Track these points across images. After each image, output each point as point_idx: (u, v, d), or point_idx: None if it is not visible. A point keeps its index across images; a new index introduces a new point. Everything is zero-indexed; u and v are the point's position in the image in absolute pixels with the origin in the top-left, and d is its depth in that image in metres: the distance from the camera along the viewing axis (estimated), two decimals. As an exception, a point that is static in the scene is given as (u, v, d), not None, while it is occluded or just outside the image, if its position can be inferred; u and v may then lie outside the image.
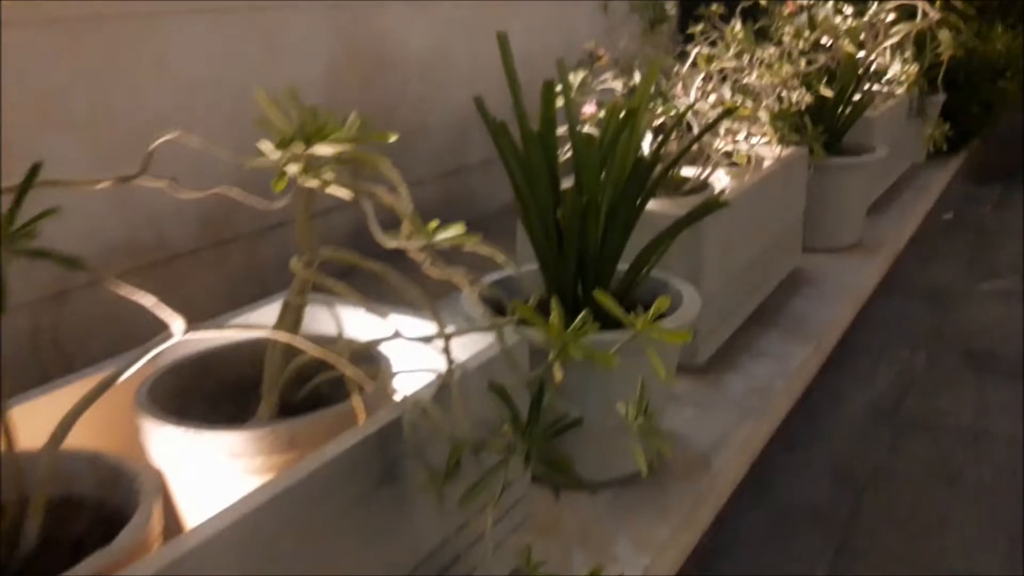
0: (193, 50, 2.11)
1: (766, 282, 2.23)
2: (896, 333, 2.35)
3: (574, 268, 1.44)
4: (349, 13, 2.53)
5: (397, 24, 2.71)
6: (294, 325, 1.18)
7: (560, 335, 0.91)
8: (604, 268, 1.46)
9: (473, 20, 3.05)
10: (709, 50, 2.03)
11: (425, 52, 2.84)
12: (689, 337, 0.95)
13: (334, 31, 2.48)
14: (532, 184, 1.40)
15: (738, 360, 1.96)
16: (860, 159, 2.66)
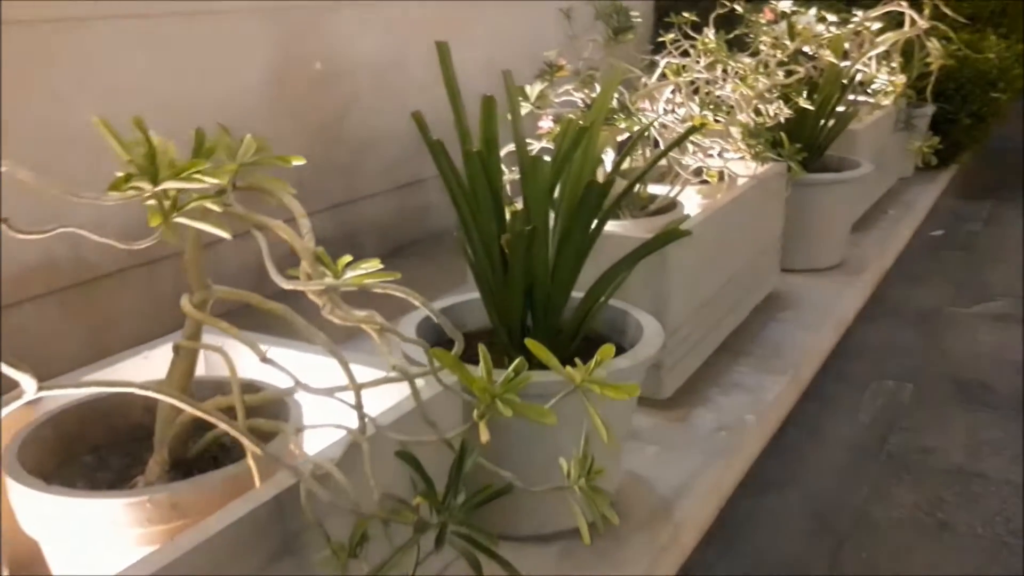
0: (119, 58, 1.96)
1: (740, 307, 2.08)
2: (881, 361, 2.20)
3: (521, 297, 1.28)
4: (293, 18, 2.38)
5: (347, 29, 2.56)
6: (186, 371, 1.03)
7: (487, 389, 0.77)
8: (555, 297, 1.31)
9: (432, 24, 2.91)
10: (678, 61, 1.89)
11: (378, 58, 2.70)
12: (636, 391, 0.80)
13: (276, 37, 2.33)
14: (473, 207, 1.25)
15: (707, 393, 1.80)
16: (842, 175, 2.52)
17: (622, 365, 1.20)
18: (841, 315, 2.33)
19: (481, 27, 3.10)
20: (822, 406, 1.97)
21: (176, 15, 2.07)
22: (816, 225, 2.52)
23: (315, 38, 2.45)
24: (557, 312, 1.33)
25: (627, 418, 1.36)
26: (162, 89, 2.04)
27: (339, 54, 2.55)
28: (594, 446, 1.31)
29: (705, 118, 1.73)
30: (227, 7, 2.20)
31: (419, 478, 0.77)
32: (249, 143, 0.88)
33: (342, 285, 0.83)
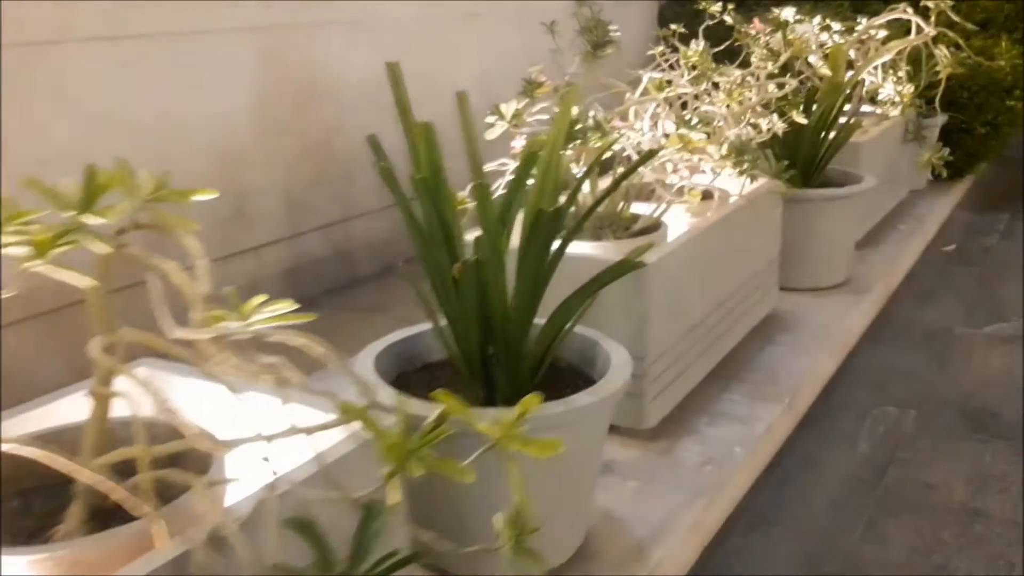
0: (99, 80, 1.91)
1: (733, 331, 1.99)
2: (884, 386, 2.10)
3: (476, 328, 1.21)
4: (279, 39, 2.33)
5: (335, 49, 2.50)
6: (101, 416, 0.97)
7: (397, 446, 0.69)
8: (514, 326, 1.22)
9: (424, 41, 2.85)
10: (662, 76, 1.81)
11: (368, 76, 2.63)
12: (559, 448, 0.71)
13: (261, 58, 2.27)
14: (423, 235, 1.17)
15: (694, 423, 1.71)
16: (842, 191, 2.42)
17: (583, 402, 1.12)
18: (843, 338, 2.23)
19: (474, 42, 3.04)
20: (820, 435, 1.87)
21: (158, 36, 2.02)
22: (817, 242, 2.42)
23: (302, 58, 2.40)
24: (518, 341, 1.24)
25: (591, 457, 1.27)
26: (144, 111, 1.99)
27: (327, 73, 2.49)
28: (562, 488, 1.23)
29: (684, 136, 1.64)
30: (212, 28, 2.15)
31: (312, 545, 0.70)
32: (147, 180, 0.81)
33: (236, 333, 0.76)
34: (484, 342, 1.22)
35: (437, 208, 1.15)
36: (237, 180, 2.23)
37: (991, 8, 3.61)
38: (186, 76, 2.09)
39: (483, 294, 1.16)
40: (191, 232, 0.80)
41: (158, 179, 0.81)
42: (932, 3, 2.90)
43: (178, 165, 2.08)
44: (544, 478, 1.15)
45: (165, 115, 2.04)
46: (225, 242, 2.19)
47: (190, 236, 0.79)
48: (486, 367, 1.20)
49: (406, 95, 1.21)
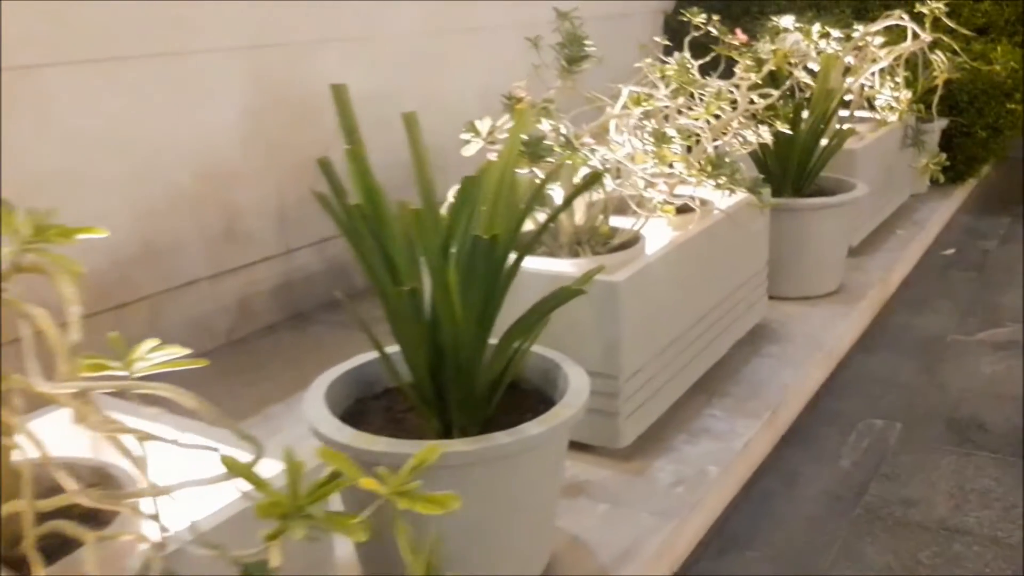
0: (84, 103, 1.93)
1: (717, 343, 1.98)
2: (872, 397, 2.08)
3: (426, 354, 1.20)
4: (272, 57, 2.34)
5: (330, 66, 2.51)
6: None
7: (279, 505, 0.68)
8: (466, 351, 1.22)
9: (426, 56, 2.85)
10: (641, 90, 1.80)
11: (366, 91, 2.64)
12: (455, 504, 0.71)
13: (253, 76, 2.29)
14: (366, 261, 1.18)
15: (672, 441, 1.71)
16: (832, 199, 2.40)
17: (533, 432, 1.11)
18: (832, 348, 2.21)
19: (476, 55, 3.04)
20: (802, 450, 1.86)
21: (148, 57, 2.04)
22: (808, 251, 2.41)
23: (296, 75, 2.41)
24: (469, 368, 1.23)
25: (546, 484, 1.26)
26: (131, 132, 2.01)
27: (322, 90, 2.50)
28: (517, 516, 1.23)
29: (658, 151, 1.63)
30: (202, 48, 2.16)
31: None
32: (27, 221, 0.77)
33: (95, 388, 0.75)
34: (435, 369, 1.22)
35: (375, 235, 1.15)
36: (228, 197, 2.24)
37: (992, 12, 3.57)
38: (176, 95, 2.11)
39: (433, 320, 1.16)
40: (75, 276, 0.77)
41: (37, 220, 0.77)
42: (927, 9, 2.88)
43: (168, 184, 2.11)
44: (498, 507, 1.15)
45: (155, 134, 2.06)
46: (215, 260, 2.20)
47: (67, 280, 0.76)
48: (440, 394, 1.20)
49: (353, 117, 1.21)
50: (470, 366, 1.19)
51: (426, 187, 1.24)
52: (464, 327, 1.16)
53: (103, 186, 1.96)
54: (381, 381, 1.35)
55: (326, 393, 1.24)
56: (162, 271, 2.09)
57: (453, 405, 1.21)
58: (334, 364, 1.35)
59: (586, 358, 1.58)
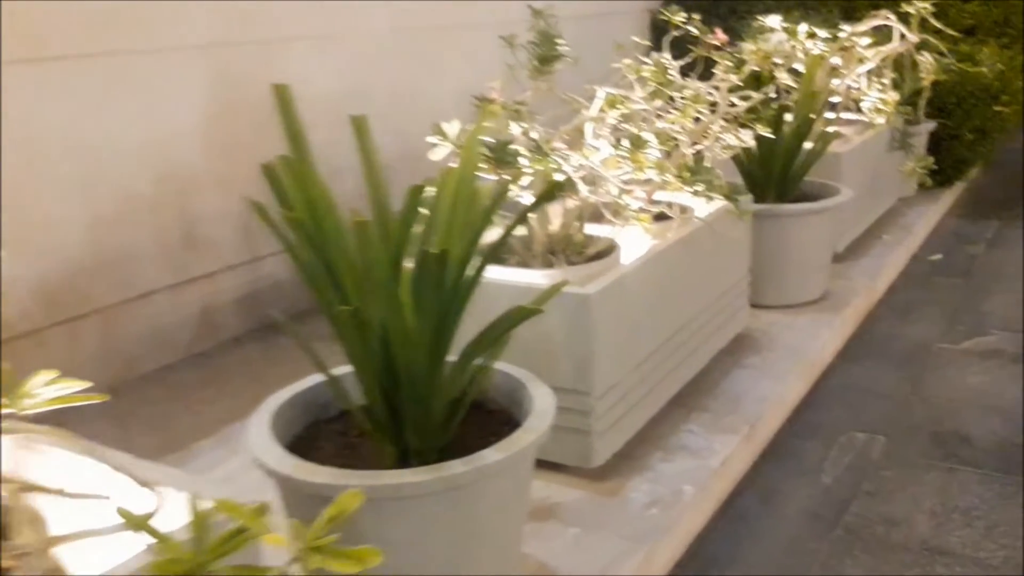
0: (32, 104, 1.85)
1: (696, 355, 1.92)
2: (855, 409, 2.03)
3: (376, 375, 1.14)
4: (237, 55, 2.27)
5: (300, 64, 2.44)
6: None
7: (187, 560, 0.62)
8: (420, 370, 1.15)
9: (401, 55, 2.79)
10: (617, 92, 1.74)
11: (337, 91, 2.58)
12: (377, 558, 0.64)
13: (214, 76, 2.21)
14: (309, 277, 1.11)
15: (648, 459, 1.65)
16: (815, 205, 2.34)
17: (490, 460, 1.05)
18: (815, 358, 2.16)
19: (454, 55, 2.97)
20: (783, 465, 1.80)
21: (99, 56, 1.97)
22: (791, 258, 2.35)
23: (260, 74, 2.34)
24: (426, 389, 1.16)
25: (509, 512, 1.20)
26: (83, 135, 1.93)
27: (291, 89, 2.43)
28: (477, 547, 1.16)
29: (633, 156, 1.57)
30: (160, 46, 2.09)
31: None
32: None
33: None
34: (388, 391, 1.15)
35: (318, 249, 1.08)
36: (188, 203, 2.17)
37: (979, 13, 3.53)
38: (132, 96, 2.04)
39: (384, 340, 1.10)
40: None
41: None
42: (913, 10, 2.83)
43: (124, 189, 2.03)
44: (455, 538, 1.09)
45: (110, 137, 1.99)
46: (175, 269, 2.13)
47: None
48: (395, 418, 1.14)
49: (297, 121, 1.14)
50: (426, 388, 1.12)
51: (378, 197, 1.18)
52: (418, 347, 1.10)
53: (53, 192, 1.89)
54: (336, 403, 1.29)
55: (275, 417, 1.18)
56: (117, 281, 2.01)
57: (409, 429, 1.15)
58: (302, 379, 1.29)
59: (557, 374, 1.53)
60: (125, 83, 2.02)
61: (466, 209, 1.21)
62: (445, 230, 1.17)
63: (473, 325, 1.51)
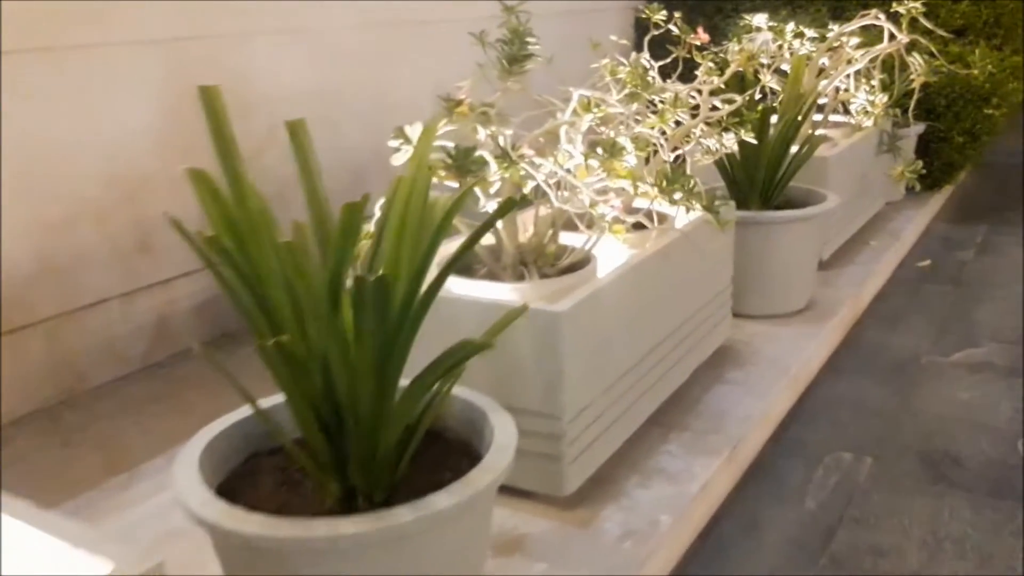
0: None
1: (676, 370, 1.83)
2: (842, 426, 1.94)
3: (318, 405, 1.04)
4: (194, 50, 2.15)
5: (262, 60, 2.33)
6: None
7: None
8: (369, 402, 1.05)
9: (371, 51, 2.68)
10: (592, 94, 1.64)
11: (304, 88, 2.47)
12: None
13: (170, 72, 2.10)
14: (234, 300, 1.01)
15: (623, 484, 1.55)
16: (801, 212, 2.25)
17: (440, 505, 0.95)
18: (800, 372, 2.07)
19: (428, 51, 2.87)
20: (765, 488, 1.71)
21: (45, 50, 1.85)
22: (775, 267, 2.26)
23: (221, 71, 2.23)
24: (371, 422, 1.06)
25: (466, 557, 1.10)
26: (27, 135, 1.82)
27: (251, 86, 2.32)
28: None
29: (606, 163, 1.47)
30: (112, 40, 1.98)
31: None
32: None
33: None
34: (330, 425, 1.05)
35: (239, 271, 0.98)
36: (142, 206, 2.06)
37: (969, 13, 3.45)
38: (81, 94, 1.93)
39: (324, 369, 1.00)
40: None
41: None
42: (903, 9, 2.75)
43: (71, 192, 1.92)
44: None
45: (56, 137, 1.88)
46: (127, 277, 2.02)
47: None
48: (338, 454, 1.03)
49: (227, 127, 1.04)
50: (371, 422, 1.02)
51: (317, 211, 1.07)
52: (362, 378, 1.00)
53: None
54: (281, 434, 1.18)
55: (208, 450, 1.07)
56: (64, 291, 1.90)
57: (353, 467, 1.05)
58: (263, 392, 1.18)
59: (525, 396, 1.43)
60: (74, 80, 1.91)
61: (417, 224, 1.11)
62: (393, 248, 1.07)
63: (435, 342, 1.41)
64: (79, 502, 1.58)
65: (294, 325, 1.02)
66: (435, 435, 1.23)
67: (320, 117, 2.55)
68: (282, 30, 2.38)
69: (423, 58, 2.85)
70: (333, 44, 2.55)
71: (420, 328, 1.08)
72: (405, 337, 1.07)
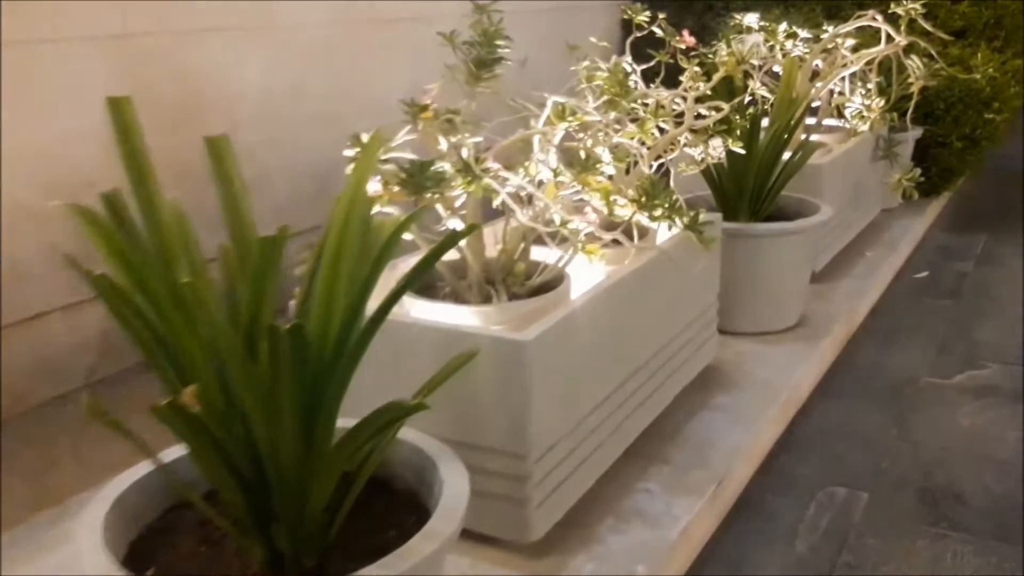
0: None
1: (658, 396, 1.69)
2: (835, 457, 1.81)
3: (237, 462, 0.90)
4: (143, 47, 2.01)
5: (220, 56, 2.19)
6: None
7: None
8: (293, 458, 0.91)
9: (338, 48, 2.54)
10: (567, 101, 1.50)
11: (264, 87, 2.33)
12: None
13: (119, 70, 1.96)
14: (138, 342, 0.88)
15: (596, 528, 1.42)
16: (794, 224, 2.12)
17: None
18: (791, 396, 1.94)
19: (403, 50, 2.72)
20: (753, 528, 1.58)
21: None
22: (765, 282, 2.13)
23: (173, 69, 2.09)
24: (297, 480, 0.92)
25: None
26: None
27: (209, 85, 2.18)
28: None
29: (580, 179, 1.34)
30: (53, 36, 1.84)
31: None
32: None
33: None
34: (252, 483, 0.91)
35: (138, 313, 0.85)
36: (88, 214, 1.91)
37: (970, 15, 3.32)
38: (20, 93, 1.78)
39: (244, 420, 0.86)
40: None
41: None
42: (902, 10, 2.62)
43: (10, 197, 1.78)
44: None
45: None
46: (72, 287, 1.88)
47: None
48: (262, 514, 0.90)
49: (139, 140, 0.91)
50: (297, 477, 0.89)
51: (242, 240, 0.94)
52: (284, 429, 0.86)
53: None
54: (204, 481, 1.05)
55: (118, 505, 0.94)
56: (3, 303, 1.76)
57: (280, 527, 0.92)
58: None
59: (487, 434, 1.30)
60: (13, 78, 1.76)
61: (358, 251, 0.97)
62: (328, 279, 0.93)
63: (390, 370, 1.28)
64: (4, 539, 1.44)
65: (208, 372, 0.88)
66: (381, 484, 1.10)
67: (283, 118, 2.41)
68: (243, 27, 2.24)
69: (396, 57, 2.72)
70: (298, 42, 2.41)
71: (373, 356, 0.95)
72: (339, 378, 0.93)
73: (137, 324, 0.85)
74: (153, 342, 0.86)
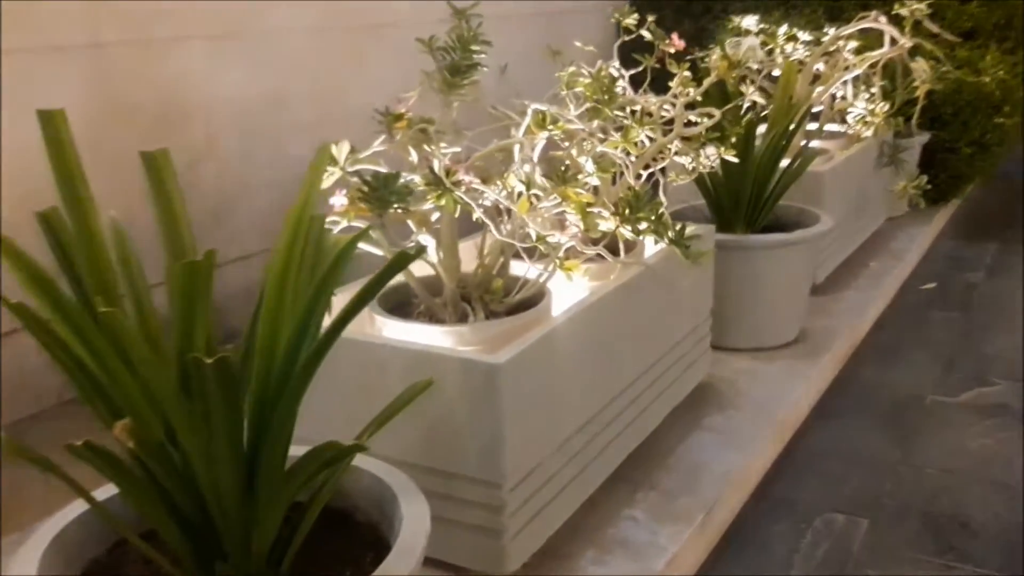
0: None
1: (646, 417, 1.62)
2: (834, 482, 1.73)
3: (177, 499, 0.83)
4: (117, 55, 1.95)
5: (197, 64, 2.13)
6: None
7: None
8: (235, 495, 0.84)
9: (321, 55, 2.47)
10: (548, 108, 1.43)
11: (244, 96, 2.26)
12: None
13: (93, 80, 1.90)
14: (69, 374, 0.81)
15: (576, 560, 1.34)
16: (792, 236, 2.04)
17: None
18: (787, 417, 1.86)
19: (387, 57, 2.66)
20: (746, 559, 1.50)
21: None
22: (762, 296, 2.05)
23: (150, 78, 2.02)
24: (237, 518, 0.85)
25: None
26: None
27: (187, 94, 2.12)
28: None
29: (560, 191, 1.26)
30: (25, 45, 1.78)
31: None
32: None
33: None
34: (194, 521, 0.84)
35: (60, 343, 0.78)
36: (59, 227, 1.85)
37: (979, 15, 3.22)
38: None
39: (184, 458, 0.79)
40: None
41: None
42: (907, 11, 2.54)
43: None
44: None
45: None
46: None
47: None
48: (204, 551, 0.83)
49: (72, 156, 0.84)
50: (240, 515, 0.82)
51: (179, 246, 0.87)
52: (225, 466, 0.79)
53: None
54: (146, 518, 0.98)
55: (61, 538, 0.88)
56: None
57: (226, 567, 0.85)
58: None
59: (459, 460, 1.23)
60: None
61: (309, 271, 0.90)
62: (272, 303, 0.86)
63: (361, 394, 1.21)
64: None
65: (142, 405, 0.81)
66: (342, 516, 1.03)
67: (261, 127, 2.34)
68: (221, 35, 2.18)
69: (378, 64, 2.65)
70: (278, 49, 2.35)
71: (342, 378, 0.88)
72: (288, 402, 0.86)
73: (62, 355, 0.78)
74: (78, 373, 0.79)
